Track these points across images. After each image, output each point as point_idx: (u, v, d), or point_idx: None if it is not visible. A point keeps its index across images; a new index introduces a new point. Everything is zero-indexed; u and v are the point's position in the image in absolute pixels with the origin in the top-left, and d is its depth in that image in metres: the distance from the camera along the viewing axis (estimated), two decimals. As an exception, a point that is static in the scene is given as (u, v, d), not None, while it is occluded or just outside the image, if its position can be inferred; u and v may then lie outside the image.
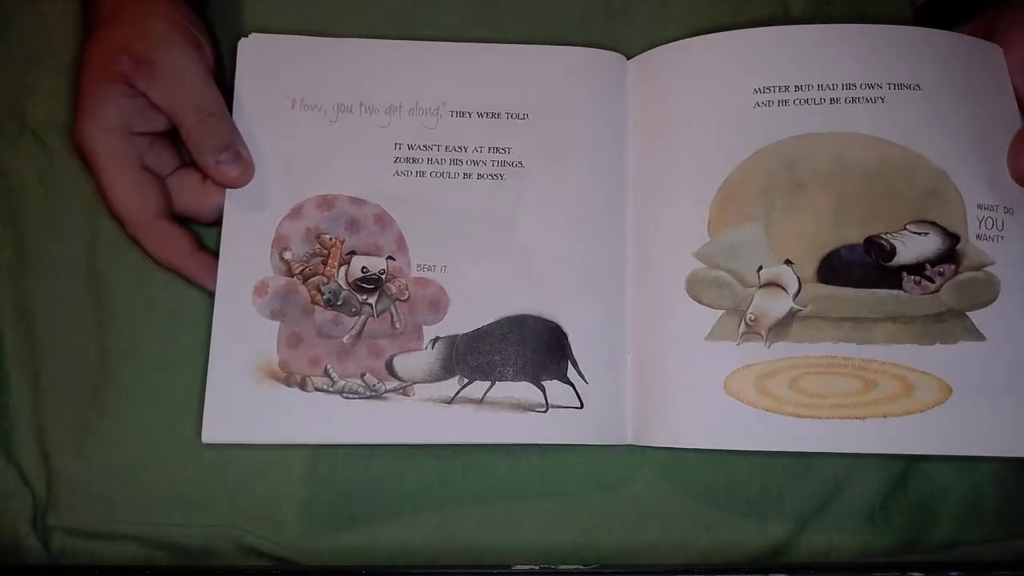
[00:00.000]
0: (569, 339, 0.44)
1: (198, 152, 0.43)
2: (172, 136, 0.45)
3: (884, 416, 0.41)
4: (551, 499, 0.45)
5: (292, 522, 0.45)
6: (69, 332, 0.46)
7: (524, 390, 0.44)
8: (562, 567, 0.43)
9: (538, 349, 0.44)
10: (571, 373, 0.44)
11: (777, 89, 0.45)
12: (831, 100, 0.44)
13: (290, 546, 0.44)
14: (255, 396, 0.42)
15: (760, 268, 0.43)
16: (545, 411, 0.44)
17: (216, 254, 0.44)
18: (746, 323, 0.43)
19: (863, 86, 0.44)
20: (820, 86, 0.44)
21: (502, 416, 0.43)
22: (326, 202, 0.45)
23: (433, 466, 0.45)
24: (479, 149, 0.46)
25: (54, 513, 0.45)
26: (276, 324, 0.44)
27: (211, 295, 0.43)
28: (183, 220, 0.45)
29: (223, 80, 0.46)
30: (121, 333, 0.46)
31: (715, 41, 0.46)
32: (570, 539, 0.45)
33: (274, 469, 0.45)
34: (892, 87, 0.44)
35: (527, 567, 0.43)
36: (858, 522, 0.45)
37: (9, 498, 0.45)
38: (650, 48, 0.47)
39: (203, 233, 0.46)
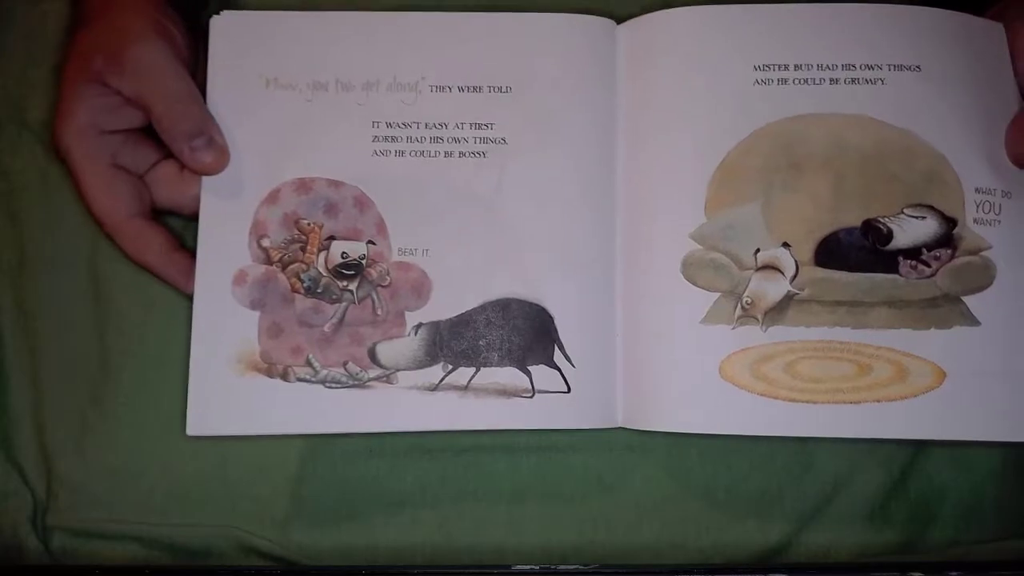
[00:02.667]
0: (556, 322, 0.45)
1: (171, 139, 0.44)
2: (152, 132, 0.45)
3: (878, 401, 0.42)
4: (551, 499, 0.47)
5: (292, 522, 0.46)
6: (69, 332, 0.47)
7: (510, 375, 0.45)
8: (562, 567, 0.44)
9: (524, 334, 0.45)
10: (558, 357, 0.45)
11: (777, 68, 0.45)
12: (831, 80, 0.45)
13: (290, 546, 0.46)
14: (238, 388, 0.44)
15: (757, 251, 0.44)
16: (531, 396, 0.45)
17: (196, 255, 0.45)
18: (742, 306, 0.44)
19: (863, 67, 0.45)
20: (820, 66, 0.45)
21: (488, 402, 0.44)
22: (303, 185, 0.45)
23: (433, 466, 0.46)
24: (460, 126, 0.46)
25: (54, 513, 0.46)
26: (256, 314, 0.44)
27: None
28: (169, 215, 0.47)
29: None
30: (121, 333, 0.47)
31: (712, 13, 0.46)
32: (570, 539, 0.46)
33: (274, 468, 0.46)
34: (892, 68, 0.45)
35: (527, 567, 0.44)
36: (858, 522, 0.46)
37: (9, 498, 0.46)
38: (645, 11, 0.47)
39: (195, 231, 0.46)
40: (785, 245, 0.44)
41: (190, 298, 0.45)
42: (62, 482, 0.46)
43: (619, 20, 0.48)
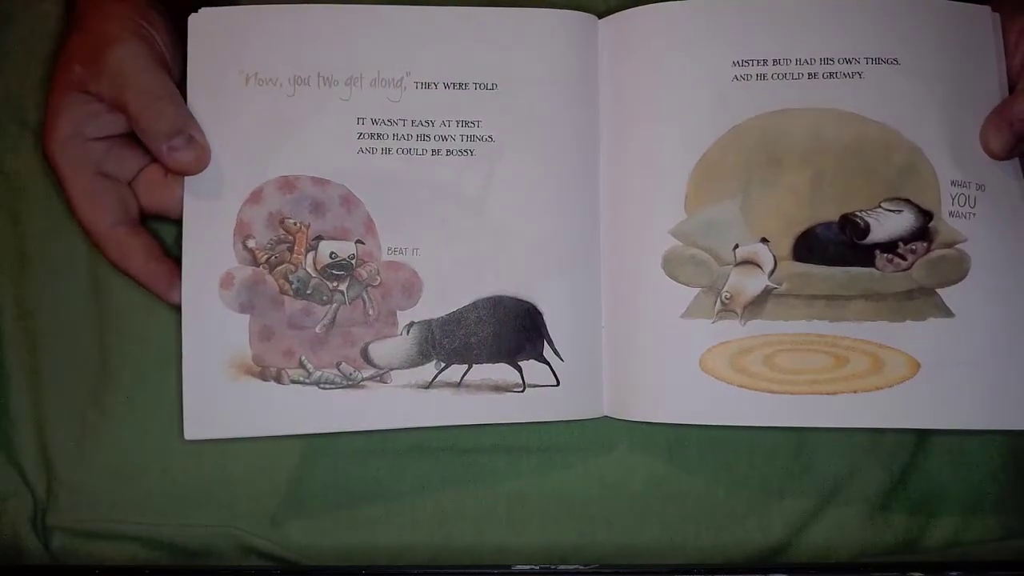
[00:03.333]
0: (544, 318, 0.46)
1: (149, 140, 0.44)
2: (137, 138, 0.45)
3: (854, 392, 0.44)
4: (551, 499, 0.47)
5: (292, 522, 0.47)
6: (69, 332, 0.48)
7: (501, 371, 0.46)
8: (562, 567, 0.45)
9: (514, 330, 0.46)
10: (547, 352, 0.46)
11: (755, 63, 0.46)
12: (809, 75, 0.46)
13: (290, 546, 0.47)
14: (232, 392, 0.44)
15: (736, 246, 0.45)
16: (522, 391, 0.46)
17: (180, 263, 0.45)
18: (722, 301, 0.45)
19: (841, 60, 0.45)
20: (798, 60, 0.46)
21: (480, 398, 0.45)
22: (287, 184, 0.46)
23: (433, 466, 0.47)
24: (447, 123, 0.47)
25: (54, 513, 0.47)
26: (246, 317, 0.45)
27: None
28: (159, 220, 0.47)
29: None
30: (121, 333, 0.48)
31: (691, 7, 0.46)
32: (570, 539, 0.47)
33: (274, 468, 0.47)
34: (869, 61, 0.45)
35: (527, 567, 0.45)
36: (858, 522, 0.47)
37: (9, 498, 0.47)
38: (624, 7, 0.48)
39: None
40: (764, 240, 0.45)
41: (177, 307, 0.45)
42: (62, 482, 0.46)
43: (600, 15, 0.48)
